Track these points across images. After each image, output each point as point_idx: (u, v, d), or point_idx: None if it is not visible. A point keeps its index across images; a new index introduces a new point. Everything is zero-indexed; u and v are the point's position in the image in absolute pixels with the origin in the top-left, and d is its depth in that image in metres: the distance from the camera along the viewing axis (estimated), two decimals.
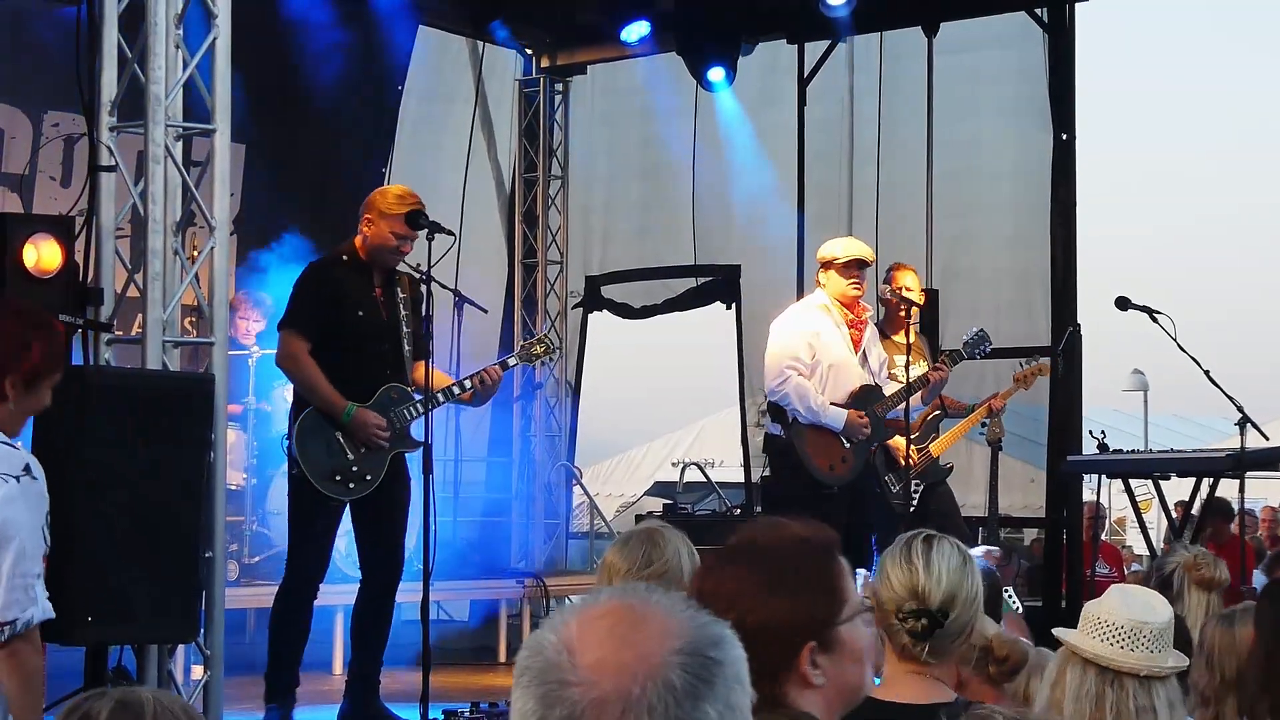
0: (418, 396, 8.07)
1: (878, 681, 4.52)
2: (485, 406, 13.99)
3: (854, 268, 9.46)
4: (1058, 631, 4.02)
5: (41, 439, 6.44)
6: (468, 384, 8.19)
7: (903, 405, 9.43)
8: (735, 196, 13.96)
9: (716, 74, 12.89)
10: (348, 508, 8.04)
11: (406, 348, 8.06)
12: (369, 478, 7.89)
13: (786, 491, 9.54)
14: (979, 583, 3.91)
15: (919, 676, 3.81)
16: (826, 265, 9.50)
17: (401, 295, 8.05)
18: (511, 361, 8.62)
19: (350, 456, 7.85)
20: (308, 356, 7.83)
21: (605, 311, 14.68)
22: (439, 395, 8.10)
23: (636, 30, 12.79)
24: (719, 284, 14.03)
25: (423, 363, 8.21)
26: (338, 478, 7.82)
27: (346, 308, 7.90)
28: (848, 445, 9.44)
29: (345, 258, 8.00)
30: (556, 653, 1.88)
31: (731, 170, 13.93)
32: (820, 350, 9.39)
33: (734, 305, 13.97)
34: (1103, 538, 14.91)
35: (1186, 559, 5.92)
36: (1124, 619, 3.88)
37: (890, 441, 9.75)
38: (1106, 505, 16.34)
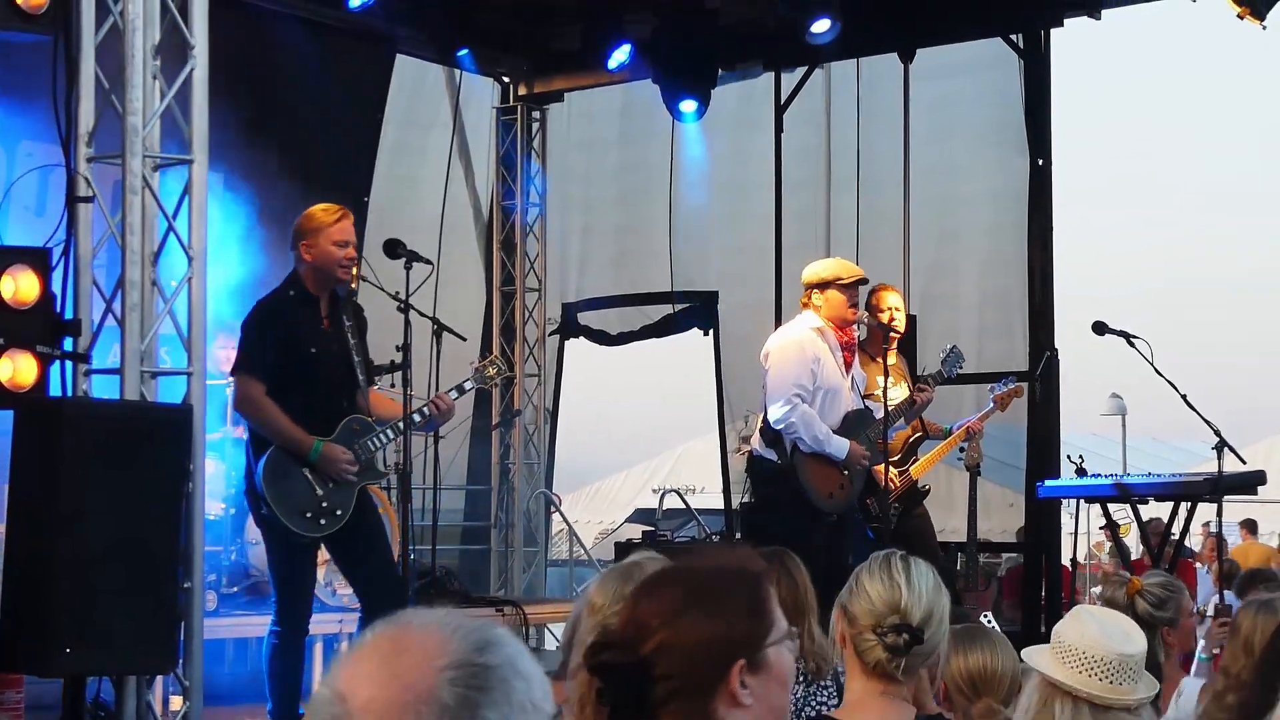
0: (377, 427, 8.07)
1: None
2: (464, 434, 14.09)
3: (856, 289, 9.46)
4: (1034, 661, 4.02)
5: (20, 470, 6.44)
6: (426, 410, 8.21)
7: (884, 428, 9.45)
8: (712, 223, 14.01)
9: (688, 105, 12.90)
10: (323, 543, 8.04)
11: (360, 376, 8.04)
12: (339, 512, 7.86)
13: (773, 516, 9.53)
14: (948, 605, 3.94)
15: (886, 698, 3.82)
16: (824, 286, 9.45)
17: (348, 323, 8.02)
18: (467, 386, 8.61)
19: (320, 492, 7.81)
20: (266, 398, 7.75)
21: (582, 338, 14.67)
22: (400, 424, 8.10)
23: (619, 57, 12.81)
24: (697, 310, 14.02)
25: (374, 390, 8.22)
26: (308, 515, 7.79)
27: (298, 344, 7.83)
28: (845, 473, 9.44)
29: (291, 292, 7.91)
30: (329, 704, 1.89)
31: (683, 200, 14.04)
32: (821, 376, 9.38)
33: (712, 331, 13.95)
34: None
35: (1106, 579, 6.02)
36: (1112, 654, 3.89)
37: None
38: (1085, 530, 16.33)
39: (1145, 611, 6.02)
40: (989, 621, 8.94)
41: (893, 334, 9.73)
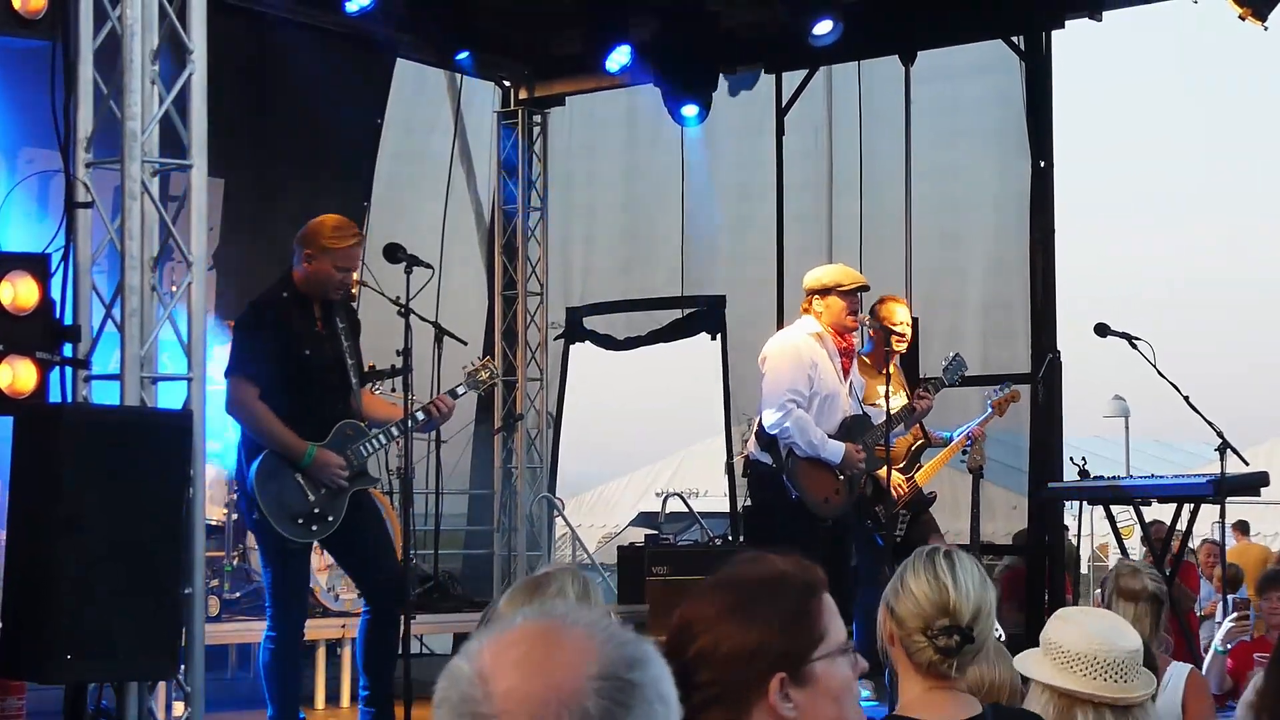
0: (371, 432, 8.06)
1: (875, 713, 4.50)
2: (466, 439, 14.08)
3: (857, 296, 9.45)
4: (1033, 671, 4.00)
5: (20, 476, 6.43)
6: (421, 415, 8.21)
7: (884, 435, 9.45)
8: (718, 228, 14.01)
9: (690, 110, 12.88)
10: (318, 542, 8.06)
11: (353, 379, 8.03)
12: (330, 518, 7.85)
13: (771, 520, 9.52)
14: (994, 598, 3.91)
15: (945, 692, 3.79)
16: (825, 292, 9.44)
17: (341, 325, 8.01)
18: (460, 390, 8.58)
19: (311, 498, 7.81)
20: (258, 401, 7.75)
21: (587, 343, 14.66)
22: (393, 429, 8.09)
23: (619, 58, 12.77)
24: (704, 315, 14.00)
25: (368, 391, 8.21)
26: (300, 521, 7.78)
27: (292, 347, 7.82)
28: (841, 478, 9.43)
29: (285, 294, 7.90)
30: (470, 683, 1.86)
31: (689, 205, 14.04)
32: (817, 382, 9.37)
33: (719, 336, 13.94)
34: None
35: (1116, 569, 5.99)
36: (1120, 650, 3.88)
37: (879, 471, 9.74)
38: (1089, 532, 16.33)
39: (1157, 589, 6.03)
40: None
41: (895, 343, 9.73)
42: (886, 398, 9.46)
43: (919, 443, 10.23)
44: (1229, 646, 8.23)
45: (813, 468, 9.34)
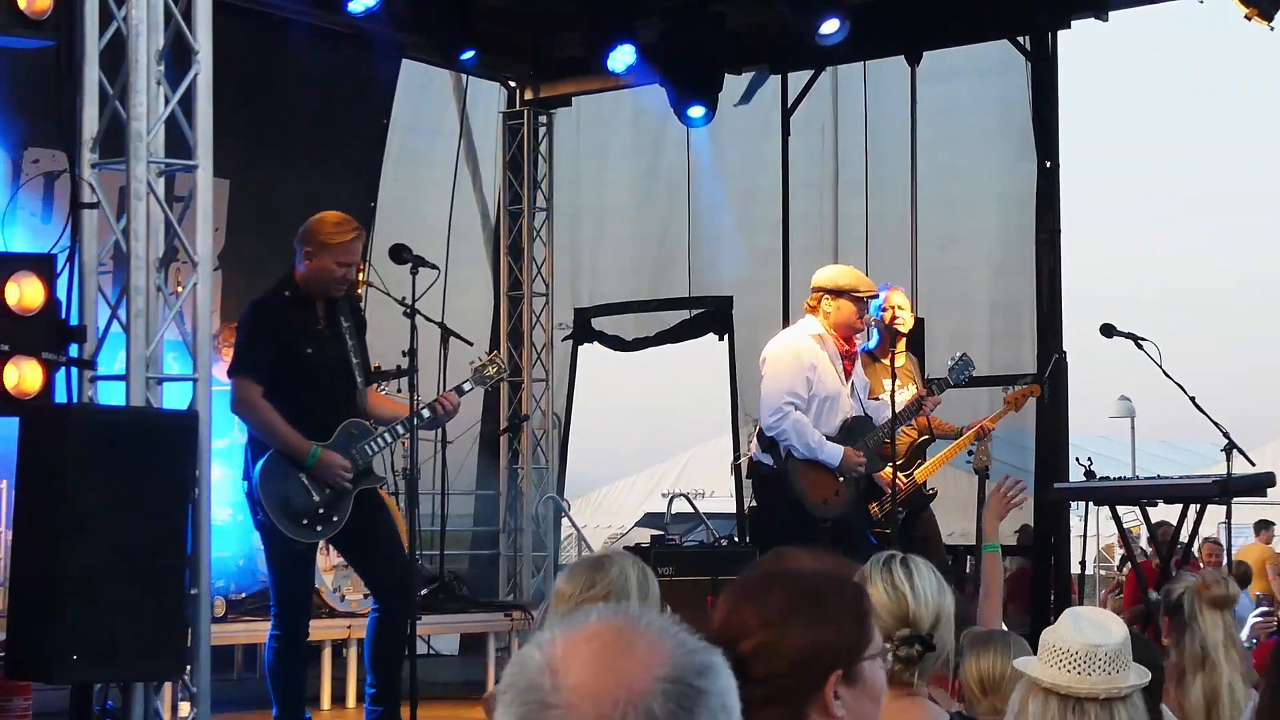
0: (376, 430, 8.04)
1: None
2: (473, 439, 14.08)
3: (867, 304, 9.41)
4: (1019, 662, 4.02)
5: (25, 477, 6.43)
6: (426, 413, 8.16)
7: (890, 431, 9.41)
8: (726, 228, 14.00)
9: (696, 110, 12.86)
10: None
11: (358, 377, 8.01)
12: (336, 518, 7.84)
13: (774, 522, 9.51)
14: (952, 603, 3.90)
15: (908, 699, 3.78)
16: (839, 294, 9.38)
17: (345, 323, 7.99)
18: (467, 386, 8.56)
19: (316, 498, 7.79)
20: (262, 400, 7.73)
21: (595, 344, 14.66)
22: (399, 427, 8.07)
23: (622, 58, 12.74)
24: (711, 315, 14.01)
25: (374, 389, 8.20)
26: (305, 521, 7.76)
27: (295, 346, 7.79)
28: (840, 480, 9.40)
29: (287, 293, 7.88)
30: (539, 672, 1.87)
31: (697, 206, 14.04)
32: (816, 384, 9.33)
33: (726, 337, 13.94)
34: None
35: (1195, 582, 5.87)
36: (1078, 644, 3.88)
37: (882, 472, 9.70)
38: (1095, 533, 16.28)
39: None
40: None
41: (900, 338, 9.70)
42: (892, 394, 9.41)
43: (922, 439, 10.19)
44: (1254, 642, 8.23)
45: (812, 469, 9.32)
